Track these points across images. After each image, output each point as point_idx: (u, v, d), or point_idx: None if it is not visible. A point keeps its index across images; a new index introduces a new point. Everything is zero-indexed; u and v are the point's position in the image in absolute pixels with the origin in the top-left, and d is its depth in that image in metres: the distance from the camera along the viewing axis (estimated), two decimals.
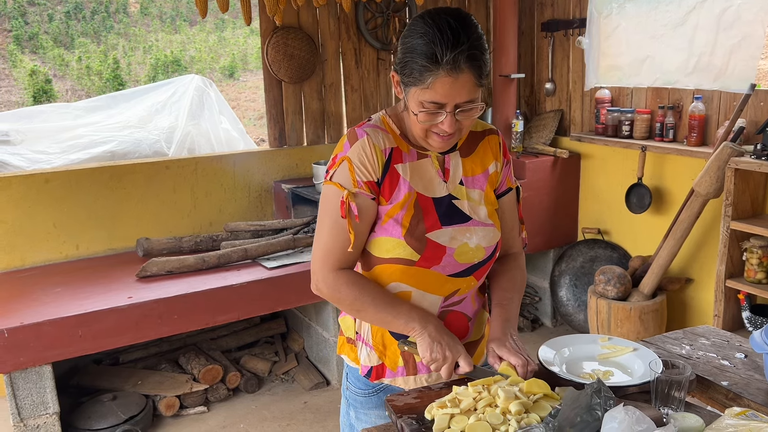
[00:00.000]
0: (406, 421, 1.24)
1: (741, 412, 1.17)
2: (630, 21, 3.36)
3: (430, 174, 1.37)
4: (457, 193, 1.39)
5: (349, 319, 1.49)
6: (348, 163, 1.32)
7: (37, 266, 3.22)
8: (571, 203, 3.96)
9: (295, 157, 3.81)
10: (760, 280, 2.86)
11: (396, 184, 1.34)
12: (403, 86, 1.28)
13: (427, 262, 1.34)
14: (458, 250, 1.36)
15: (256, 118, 11.22)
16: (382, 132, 1.35)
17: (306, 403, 3.22)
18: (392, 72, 1.31)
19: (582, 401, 1.08)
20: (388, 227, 1.34)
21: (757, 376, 1.43)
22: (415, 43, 1.22)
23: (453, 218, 1.36)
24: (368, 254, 1.38)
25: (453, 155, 1.40)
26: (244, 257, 3.14)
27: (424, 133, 1.31)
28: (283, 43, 3.60)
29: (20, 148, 4.16)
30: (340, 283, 1.35)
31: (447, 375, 1.31)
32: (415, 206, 1.34)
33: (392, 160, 1.34)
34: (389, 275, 1.37)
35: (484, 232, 1.39)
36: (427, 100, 1.24)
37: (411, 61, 1.23)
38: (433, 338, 1.31)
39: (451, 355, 1.30)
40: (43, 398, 2.61)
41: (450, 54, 1.19)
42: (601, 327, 3.31)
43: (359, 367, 1.46)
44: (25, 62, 12.89)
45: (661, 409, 1.27)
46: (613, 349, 1.51)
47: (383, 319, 1.36)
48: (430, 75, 1.21)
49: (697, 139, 3.19)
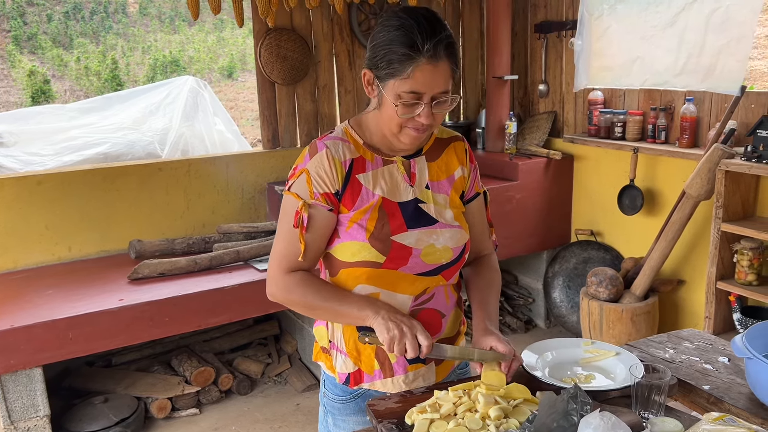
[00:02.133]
0: (386, 425, 1.24)
1: (719, 416, 1.18)
2: (621, 22, 3.35)
3: (396, 179, 1.39)
4: (423, 196, 1.41)
5: (322, 329, 1.50)
6: (306, 175, 1.35)
7: (29, 268, 3.22)
8: (564, 205, 3.97)
9: (288, 158, 3.81)
10: (750, 282, 2.86)
11: (358, 194, 1.36)
12: (379, 81, 1.29)
13: (393, 263, 1.35)
14: (424, 251, 1.37)
15: (254, 119, 11.23)
16: (343, 143, 1.38)
17: (298, 404, 3.22)
18: (364, 70, 1.32)
19: (558, 407, 1.08)
20: (352, 232, 1.35)
21: (739, 380, 1.44)
22: (392, 35, 1.25)
23: (419, 221, 1.38)
24: (333, 259, 1.40)
25: (418, 160, 1.42)
26: (237, 259, 3.15)
27: (398, 129, 1.32)
28: (276, 45, 3.60)
29: (13, 150, 4.16)
30: (291, 284, 1.38)
31: (412, 352, 1.29)
32: (379, 211, 1.36)
33: (353, 170, 1.36)
34: (356, 278, 1.38)
35: (451, 233, 1.41)
36: (407, 90, 1.26)
37: (389, 53, 1.25)
38: (387, 318, 1.31)
39: (408, 330, 1.30)
40: (34, 401, 2.62)
41: (430, 43, 1.22)
42: (593, 329, 3.31)
43: (336, 375, 1.47)
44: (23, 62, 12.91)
45: (641, 413, 1.28)
46: (597, 353, 1.51)
47: (335, 312, 1.37)
48: (411, 63, 1.23)
49: (689, 140, 3.19)
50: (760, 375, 1.31)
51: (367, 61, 1.32)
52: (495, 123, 3.97)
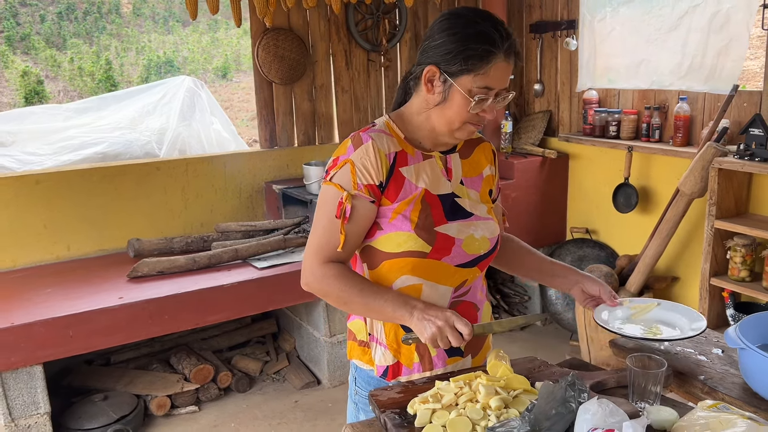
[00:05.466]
0: (389, 415, 1.26)
1: (713, 404, 1.20)
2: (625, 25, 3.40)
3: (436, 173, 1.43)
4: (459, 191, 1.44)
5: (359, 322, 1.50)
6: (350, 166, 1.35)
7: (28, 267, 3.23)
8: (559, 203, 4.00)
9: (285, 157, 3.84)
10: (743, 278, 2.90)
11: (401, 186, 1.38)
12: (450, 77, 1.32)
13: (437, 254, 1.38)
14: (466, 241, 1.41)
15: (249, 119, 11.22)
16: (386, 136, 1.39)
17: (297, 402, 3.24)
18: (428, 67, 1.34)
19: (557, 394, 1.11)
20: (397, 223, 1.37)
21: (733, 370, 1.47)
22: (468, 32, 1.30)
23: (456, 214, 1.42)
24: (375, 252, 1.41)
25: (453, 156, 1.46)
26: (235, 257, 3.17)
27: (460, 124, 1.36)
28: (273, 45, 3.62)
29: (11, 150, 4.16)
30: (327, 275, 1.37)
31: (455, 342, 1.30)
32: (422, 202, 1.39)
33: (397, 163, 1.38)
34: (399, 269, 1.39)
35: (486, 225, 1.45)
36: (481, 85, 1.31)
37: (467, 49, 1.29)
38: (421, 317, 1.32)
39: (444, 323, 1.30)
40: (34, 398, 2.63)
41: (506, 41, 1.31)
42: (589, 325, 3.35)
43: (374, 369, 1.47)
44: (16, 63, 12.85)
45: (637, 403, 1.31)
46: (639, 308, 1.58)
47: (369, 307, 1.38)
48: (491, 60, 1.29)
49: (683, 139, 3.23)
50: (753, 365, 1.34)
51: (431, 58, 1.34)
52: (491, 122, 4.00)
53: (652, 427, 1.19)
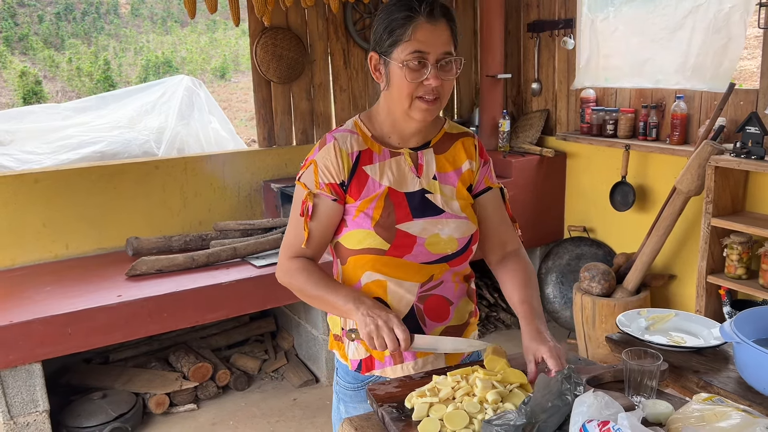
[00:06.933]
0: (387, 409, 1.27)
1: (708, 398, 1.22)
2: (628, 24, 3.41)
3: (403, 170, 1.43)
4: (431, 187, 1.44)
5: (335, 317, 1.53)
6: (314, 166, 1.41)
7: (26, 266, 3.23)
8: (557, 201, 4.01)
9: (284, 156, 3.85)
10: (740, 276, 2.92)
11: (364, 184, 1.41)
12: (385, 56, 1.34)
13: (397, 251, 1.39)
14: (429, 240, 1.40)
15: (247, 119, 11.23)
16: (352, 135, 1.43)
17: (295, 400, 3.25)
18: (369, 55, 1.39)
19: (553, 387, 1.12)
20: (359, 220, 1.40)
21: (728, 365, 1.48)
22: (389, 9, 1.34)
23: (425, 211, 1.42)
24: (342, 248, 1.44)
25: (426, 152, 1.46)
26: (234, 256, 3.17)
27: (409, 102, 1.34)
28: (271, 44, 3.63)
29: (10, 149, 4.17)
30: (292, 269, 1.45)
31: (390, 345, 1.29)
32: (385, 200, 1.40)
33: (360, 162, 1.41)
34: (362, 266, 1.42)
35: (457, 224, 1.43)
36: (411, 51, 1.31)
37: (390, 23, 1.32)
38: (365, 314, 1.32)
39: (384, 324, 1.30)
40: (33, 396, 2.63)
41: (425, 4, 1.30)
42: (586, 323, 3.36)
43: (348, 363, 1.50)
44: (15, 63, 12.84)
45: (633, 397, 1.32)
46: (657, 318, 1.63)
47: (325, 301, 1.41)
48: (410, 24, 1.30)
49: (680, 137, 3.24)
50: (748, 359, 1.35)
51: (371, 45, 1.38)
52: (488, 121, 4.01)
53: (647, 420, 1.20)
